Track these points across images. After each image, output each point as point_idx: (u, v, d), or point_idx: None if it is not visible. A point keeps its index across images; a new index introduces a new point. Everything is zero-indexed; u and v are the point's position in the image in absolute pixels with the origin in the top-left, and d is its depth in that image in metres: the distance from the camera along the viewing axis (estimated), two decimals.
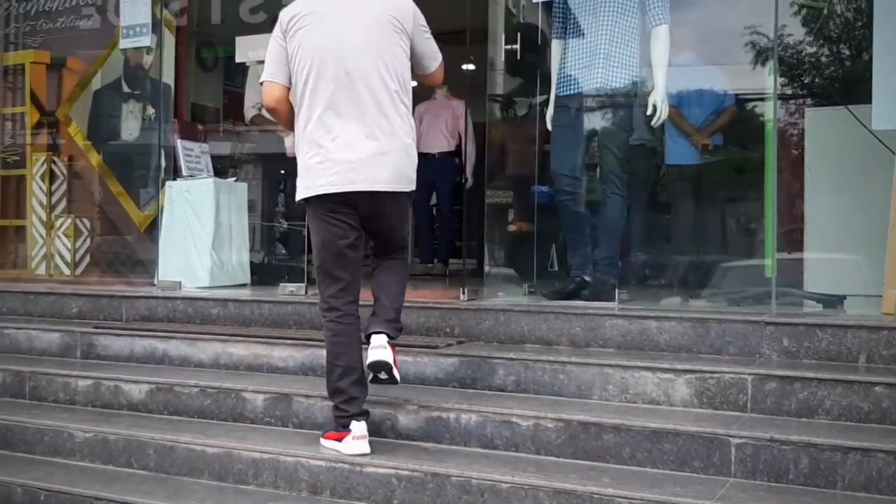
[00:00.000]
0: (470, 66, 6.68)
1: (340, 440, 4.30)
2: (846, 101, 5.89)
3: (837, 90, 6.82)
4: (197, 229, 7.08)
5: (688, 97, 6.69)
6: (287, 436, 4.68)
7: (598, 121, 5.93)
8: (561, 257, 7.12)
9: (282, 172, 8.06)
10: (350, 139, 4.23)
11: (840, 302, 5.40)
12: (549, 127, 6.06)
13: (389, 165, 4.26)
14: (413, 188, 4.45)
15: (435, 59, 4.59)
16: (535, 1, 6.51)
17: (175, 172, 7.44)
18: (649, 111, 5.69)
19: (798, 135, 6.40)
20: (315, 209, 4.33)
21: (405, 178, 4.36)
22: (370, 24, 4.31)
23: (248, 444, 4.52)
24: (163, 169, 7.49)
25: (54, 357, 6.03)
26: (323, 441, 4.42)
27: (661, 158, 6.89)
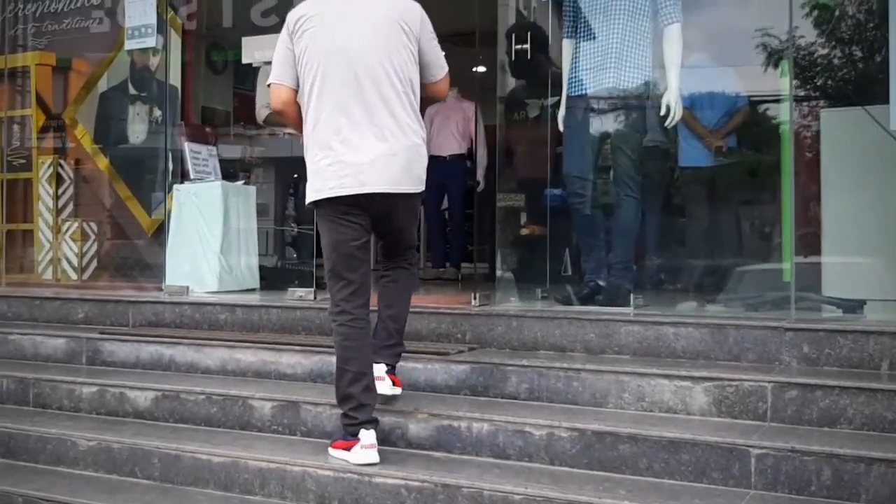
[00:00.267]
0: (480, 69, 6.59)
1: (349, 449, 4.21)
2: (861, 103, 5.80)
3: (851, 91, 6.74)
4: (205, 233, 6.98)
5: (700, 98, 6.61)
6: (295, 444, 4.60)
7: (611, 122, 5.86)
8: (574, 261, 7.05)
9: (294, 176, 7.97)
10: (359, 141, 4.19)
11: (860, 307, 5.28)
12: (561, 128, 5.99)
13: (400, 166, 4.23)
14: (423, 189, 4.40)
15: (441, 69, 4.54)
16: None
17: (183, 176, 7.36)
18: (662, 112, 5.62)
19: (811, 137, 6.32)
20: (325, 212, 4.29)
21: (416, 179, 4.32)
22: (377, 25, 4.27)
23: (255, 453, 4.43)
24: (170, 172, 7.41)
25: (59, 363, 5.96)
26: (331, 450, 4.33)
27: (675, 160, 6.82)
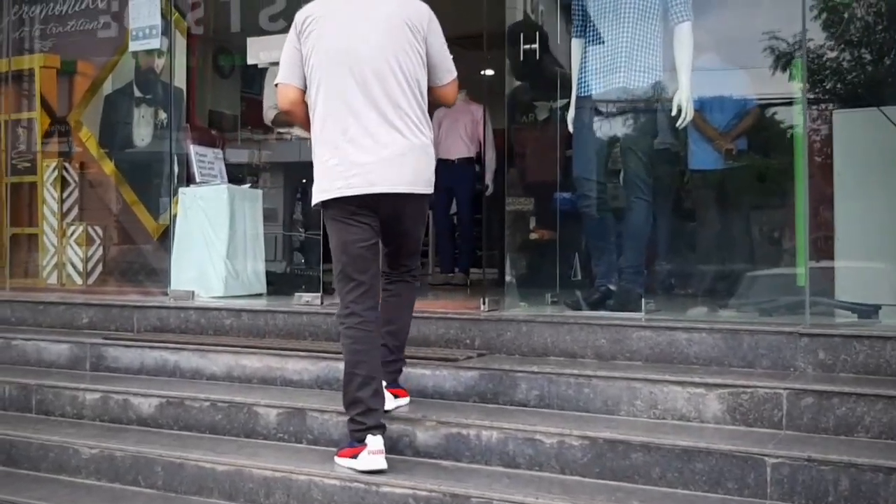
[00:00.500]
0: (489, 72, 6.50)
1: (356, 456, 4.12)
2: (875, 104, 5.73)
3: (861, 93, 6.66)
4: (211, 237, 6.91)
5: (710, 100, 6.51)
6: (301, 453, 4.51)
7: (622, 123, 5.77)
8: (584, 266, 6.97)
9: (302, 181, 7.89)
10: (367, 140, 4.15)
11: (875, 312, 5.20)
12: (571, 129, 5.89)
13: (409, 166, 4.18)
14: (431, 191, 4.35)
15: (448, 72, 4.48)
16: None
17: (188, 179, 7.28)
18: (674, 112, 5.53)
19: (821, 140, 6.24)
20: (333, 212, 4.23)
21: (425, 180, 4.28)
22: (384, 25, 4.23)
23: (260, 462, 4.35)
24: (176, 175, 7.33)
25: (63, 369, 5.89)
26: (338, 459, 4.24)
27: (685, 163, 6.73)
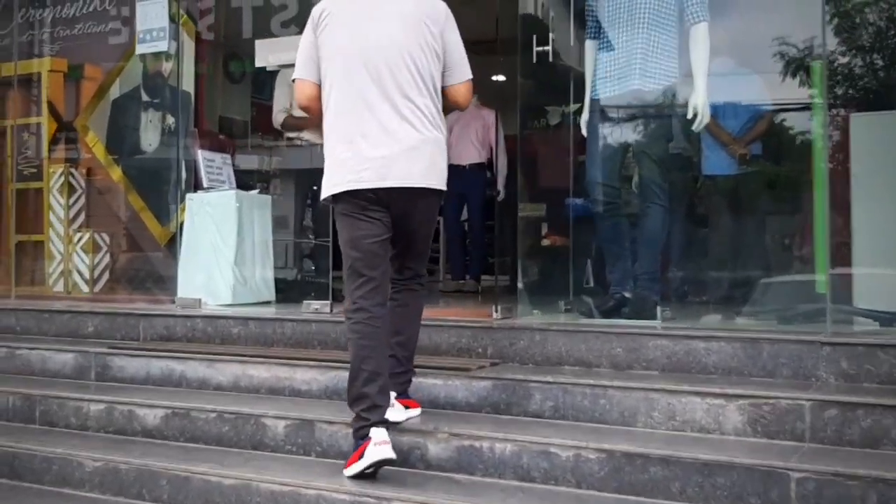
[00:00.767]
0: (500, 77, 6.40)
1: (363, 455, 3.98)
2: (888, 108, 5.63)
3: (875, 98, 6.53)
4: (219, 244, 6.80)
5: (724, 105, 6.38)
6: (309, 466, 4.40)
7: (636, 127, 5.65)
8: (596, 273, 6.85)
9: (313, 188, 7.79)
10: (380, 134, 4.11)
11: None
12: (584, 132, 5.77)
13: (421, 160, 4.14)
14: (444, 187, 4.28)
15: (462, 73, 4.41)
16: None
17: (196, 185, 7.18)
18: (690, 115, 5.40)
19: (834, 144, 6.12)
20: (343, 207, 4.18)
21: (437, 175, 4.22)
22: (400, 20, 4.20)
23: (268, 476, 4.23)
24: (183, 181, 7.23)
25: (68, 379, 5.80)
26: (346, 471, 4.10)
27: (698, 169, 6.62)
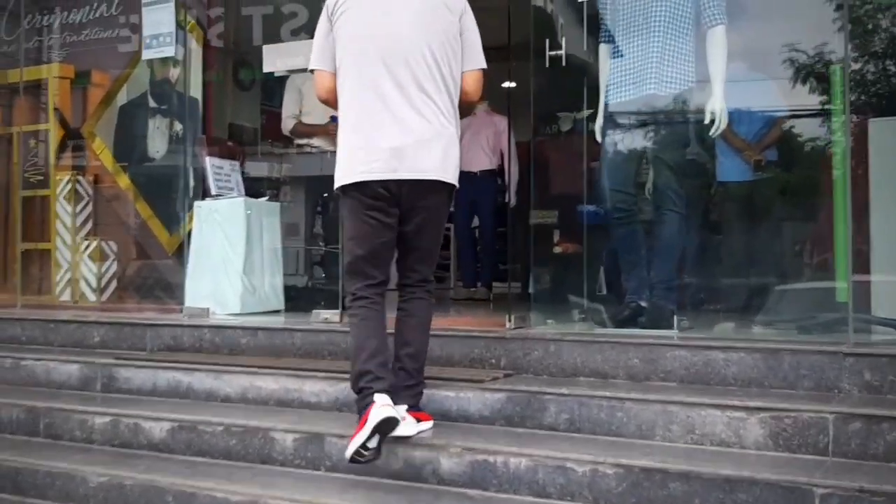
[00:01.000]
0: (511, 84, 6.30)
1: (366, 423, 3.86)
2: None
3: (886, 105, 6.48)
4: (227, 252, 6.69)
5: (738, 111, 6.27)
6: (319, 481, 4.29)
7: (651, 132, 5.54)
8: (609, 281, 6.75)
9: (323, 195, 7.70)
10: (393, 125, 4.06)
11: None
12: (599, 138, 5.65)
13: (434, 153, 4.08)
14: (456, 183, 4.21)
15: (475, 60, 4.33)
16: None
17: (205, 192, 7.08)
18: (707, 119, 5.28)
19: (856, 149, 5.99)
20: (353, 199, 4.11)
21: (449, 168, 4.16)
22: (418, 9, 4.14)
23: (276, 492, 4.12)
24: (191, 188, 7.14)
25: (73, 390, 5.69)
26: (351, 444, 3.91)
27: (713, 176, 6.51)
